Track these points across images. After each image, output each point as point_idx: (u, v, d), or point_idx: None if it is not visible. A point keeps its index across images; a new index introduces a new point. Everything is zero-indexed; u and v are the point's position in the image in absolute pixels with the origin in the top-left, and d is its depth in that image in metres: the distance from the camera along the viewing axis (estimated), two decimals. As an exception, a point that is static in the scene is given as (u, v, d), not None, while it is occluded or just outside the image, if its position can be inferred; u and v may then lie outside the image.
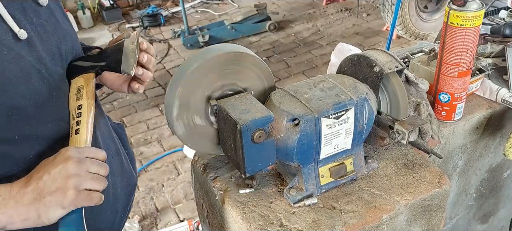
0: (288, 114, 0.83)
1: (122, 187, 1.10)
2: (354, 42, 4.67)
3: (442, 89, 1.14)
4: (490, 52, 1.34)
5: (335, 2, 5.93)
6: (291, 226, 0.87)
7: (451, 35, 1.06)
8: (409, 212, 0.93)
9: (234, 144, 0.83)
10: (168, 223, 2.66)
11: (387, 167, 1.01)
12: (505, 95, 1.22)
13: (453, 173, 1.32)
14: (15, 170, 0.83)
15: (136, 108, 3.83)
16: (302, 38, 4.97)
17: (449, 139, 1.21)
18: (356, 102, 0.87)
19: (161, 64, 4.55)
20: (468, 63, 1.08)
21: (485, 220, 1.60)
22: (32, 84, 0.81)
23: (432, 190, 0.94)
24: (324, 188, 0.94)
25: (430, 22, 4.63)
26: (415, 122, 0.97)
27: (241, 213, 0.90)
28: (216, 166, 1.02)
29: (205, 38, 4.75)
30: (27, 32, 0.80)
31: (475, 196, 1.46)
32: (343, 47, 1.39)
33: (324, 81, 0.93)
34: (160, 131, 3.51)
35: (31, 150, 0.84)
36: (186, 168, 3.07)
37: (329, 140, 0.88)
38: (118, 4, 5.65)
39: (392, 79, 0.95)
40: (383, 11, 4.54)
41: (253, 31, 5.07)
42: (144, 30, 5.33)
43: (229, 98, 0.87)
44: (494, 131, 1.31)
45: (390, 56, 0.96)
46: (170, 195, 2.86)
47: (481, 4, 1.03)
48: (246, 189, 0.95)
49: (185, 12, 4.76)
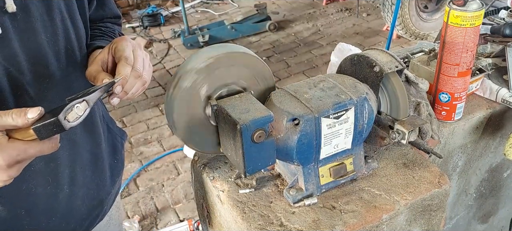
0: (288, 114, 0.83)
1: (85, 199, 1.06)
2: (354, 42, 4.67)
3: (442, 89, 1.14)
4: (490, 52, 1.34)
5: (335, 2, 5.92)
6: (291, 226, 0.87)
7: (451, 35, 1.06)
8: (409, 212, 0.93)
9: (234, 144, 0.83)
10: (168, 223, 2.66)
11: (387, 167, 1.01)
12: (505, 95, 1.22)
13: (453, 173, 1.32)
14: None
15: (136, 108, 3.83)
16: (302, 38, 4.97)
17: (449, 138, 1.21)
18: (356, 102, 0.87)
19: (161, 64, 4.55)
20: (468, 63, 1.08)
21: (485, 220, 1.60)
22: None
23: (432, 190, 0.94)
24: (324, 187, 0.94)
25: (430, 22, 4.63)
26: (415, 121, 0.97)
27: (241, 213, 0.90)
28: (216, 166, 1.02)
29: (205, 38, 4.75)
30: (2, 28, 0.79)
31: (475, 196, 1.46)
32: (343, 47, 1.39)
33: (324, 81, 0.93)
34: (160, 131, 3.51)
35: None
36: (186, 168, 3.07)
37: (329, 140, 0.88)
38: (118, 4, 5.64)
39: (392, 79, 0.95)
40: (383, 11, 4.55)
41: (253, 31, 5.07)
42: (144, 30, 5.33)
43: (229, 98, 0.87)
44: (494, 131, 1.31)
45: (390, 56, 0.96)
46: (170, 195, 2.86)
47: (481, 4, 1.03)
48: (246, 189, 0.95)
49: (185, 12, 4.76)
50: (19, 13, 0.82)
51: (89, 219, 1.10)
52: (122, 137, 1.22)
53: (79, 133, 1.00)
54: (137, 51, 0.91)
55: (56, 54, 0.89)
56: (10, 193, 0.91)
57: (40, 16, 0.86)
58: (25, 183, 0.92)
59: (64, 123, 0.69)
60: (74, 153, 1.00)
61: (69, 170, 0.99)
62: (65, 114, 0.69)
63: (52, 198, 0.97)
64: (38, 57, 0.86)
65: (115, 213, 1.26)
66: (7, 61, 0.81)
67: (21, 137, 0.69)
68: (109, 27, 1.12)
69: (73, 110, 0.70)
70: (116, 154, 1.17)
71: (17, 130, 0.70)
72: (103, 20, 1.12)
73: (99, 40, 1.04)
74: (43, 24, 0.86)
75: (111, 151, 1.15)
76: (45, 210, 0.98)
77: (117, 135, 1.19)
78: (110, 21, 1.14)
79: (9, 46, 0.81)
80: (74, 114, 0.70)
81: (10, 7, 0.80)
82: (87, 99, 0.72)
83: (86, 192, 1.06)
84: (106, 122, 1.16)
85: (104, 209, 1.15)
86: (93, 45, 1.00)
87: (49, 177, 0.95)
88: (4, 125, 0.68)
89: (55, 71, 0.90)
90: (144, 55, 0.93)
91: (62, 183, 0.98)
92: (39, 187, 0.94)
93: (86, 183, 1.05)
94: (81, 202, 1.05)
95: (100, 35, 1.07)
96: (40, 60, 0.86)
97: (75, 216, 1.05)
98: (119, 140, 1.20)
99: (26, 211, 0.95)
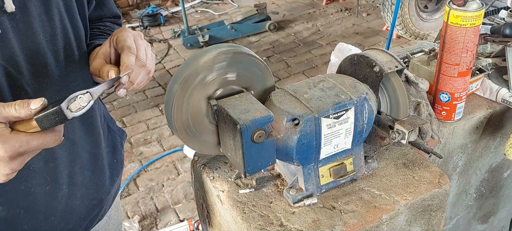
0: (288, 114, 0.83)
1: (84, 198, 1.06)
2: (354, 42, 4.67)
3: (442, 89, 1.14)
4: (490, 52, 1.34)
5: (335, 2, 5.93)
6: (291, 226, 0.87)
7: (451, 35, 1.06)
8: (409, 212, 0.93)
9: (234, 144, 0.82)
10: (168, 223, 2.66)
11: (387, 167, 1.01)
12: (505, 95, 1.22)
13: (453, 173, 1.31)
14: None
15: (136, 108, 3.83)
16: (302, 38, 4.97)
17: (449, 138, 1.20)
18: (356, 102, 0.87)
19: (161, 64, 4.55)
20: (468, 63, 1.08)
21: (485, 220, 1.60)
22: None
23: (432, 190, 0.94)
24: (324, 188, 0.94)
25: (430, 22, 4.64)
26: (415, 121, 0.96)
27: (241, 213, 0.90)
28: (216, 166, 1.02)
29: (205, 38, 4.75)
30: (1, 28, 0.79)
31: (475, 196, 1.46)
32: (343, 47, 1.39)
33: (324, 81, 0.93)
34: (160, 131, 3.51)
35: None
36: (186, 168, 3.07)
37: (329, 140, 0.87)
38: (118, 4, 5.64)
39: (392, 79, 0.95)
40: (383, 11, 4.55)
41: (253, 31, 5.07)
42: (144, 30, 5.32)
43: (229, 98, 0.87)
44: (494, 131, 1.31)
45: (390, 56, 0.96)
46: (170, 195, 2.86)
47: (481, 4, 1.03)
48: (246, 189, 0.95)
49: (185, 12, 4.76)
50: (18, 13, 0.82)
51: (88, 219, 1.10)
52: (121, 136, 1.22)
53: (78, 133, 1.00)
54: (139, 41, 0.91)
55: (54, 53, 0.89)
56: (9, 193, 0.91)
57: (38, 16, 0.86)
58: (24, 182, 0.92)
59: (67, 112, 0.68)
60: (73, 153, 0.99)
61: (68, 169, 0.99)
62: (67, 104, 0.68)
63: (51, 198, 0.97)
64: (36, 56, 0.86)
65: (115, 213, 1.26)
66: (5, 60, 0.81)
67: (24, 128, 0.69)
68: (109, 26, 1.12)
69: (76, 101, 0.70)
70: (116, 153, 1.17)
71: (20, 122, 0.69)
72: (103, 20, 1.12)
73: (98, 39, 1.04)
74: (41, 24, 0.86)
75: (110, 150, 1.15)
76: (44, 210, 0.98)
77: (116, 134, 1.19)
78: (110, 21, 1.14)
79: (8, 46, 0.81)
80: (76, 105, 0.70)
81: (9, 7, 0.80)
82: (91, 91, 0.72)
83: (85, 192, 1.06)
84: (107, 122, 1.16)
85: (103, 209, 1.15)
86: (93, 44, 1.00)
87: (48, 176, 0.95)
88: (7, 117, 0.68)
89: (54, 70, 0.90)
90: (145, 44, 0.93)
91: (61, 183, 0.98)
92: (38, 187, 0.94)
93: (85, 182, 1.05)
94: (80, 202, 1.05)
95: (99, 35, 1.07)
96: (38, 60, 0.86)
97: (74, 216, 1.05)
98: (119, 139, 1.20)
99: (24, 211, 0.95)
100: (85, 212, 1.08)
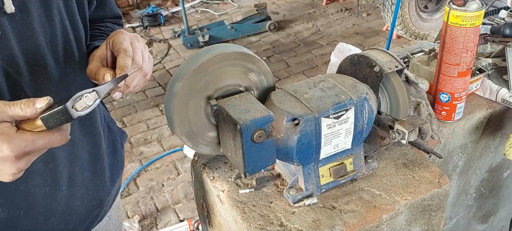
0: (288, 114, 0.83)
1: (84, 199, 1.06)
2: (354, 42, 4.67)
3: (442, 89, 1.14)
4: (490, 52, 1.34)
5: (335, 2, 5.93)
6: (291, 226, 0.87)
7: (451, 35, 1.06)
8: (409, 212, 0.93)
9: (234, 144, 0.82)
10: (168, 223, 2.66)
11: (387, 167, 1.01)
12: (505, 95, 1.22)
13: (453, 173, 1.32)
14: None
15: (136, 108, 3.83)
16: (302, 38, 4.97)
17: (449, 138, 1.21)
18: (356, 102, 0.87)
19: (161, 64, 4.55)
20: (468, 63, 1.08)
21: (485, 220, 1.60)
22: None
23: (432, 190, 0.94)
24: (324, 187, 0.94)
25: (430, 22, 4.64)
26: (415, 121, 0.96)
27: (241, 213, 0.90)
28: (216, 166, 1.02)
29: (205, 38, 4.75)
30: (1, 29, 0.79)
31: (475, 196, 1.46)
32: (343, 47, 1.39)
33: (324, 81, 0.93)
34: (160, 131, 3.51)
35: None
36: (186, 168, 3.07)
37: (329, 140, 0.88)
38: (118, 4, 5.64)
39: (392, 79, 0.95)
40: (383, 11, 4.55)
41: (253, 31, 5.08)
42: (144, 30, 5.33)
43: (229, 98, 0.87)
44: (494, 131, 1.31)
45: (390, 56, 0.96)
46: (170, 195, 2.86)
47: (481, 4, 1.03)
48: (246, 189, 0.95)
49: (185, 12, 4.76)
50: (17, 14, 0.82)
51: (88, 219, 1.10)
52: (122, 137, 1.21)
53: (78, 134, 1.00)
54: (135, 44, 0.90)
55: (54, 54, 0.89)
56: (9, 194, 0.91)
57: (38, 17, 0.86)
58: (24, 183, 0.92)
59: (72, 111, 0.68)
60: (73, 154, 0.99)
61: (68, 170, 0.99)
62: (73, 103, 0.68)
63: (51, 198, 0.97)
64: (36, 58, 0.86)
65: (115, 213, 1.26)
66: (5, 62, 0.81)
67: (29, 128, 0.69)
68: (110, 27, 1.12)
69: (82, 100, 0.69)
70: (116, 154, 1.17)
71: (26, 121, 0.69)
72: (104, 20, 1.12)
73: (98, 40, 1.04)
74: (41, 25, 0.86)
75: (110, 151, 1.15)
76: (44, 210, 0.98)
77: (117, 135, 1.19)
78: (111, 21, 1.14)
79: (8, 47, 0.81)
80: (82, 104, 0.69)
81: (8, 7, 0.80)
82: (97, 90, 0.71)
83: (85, 193, 1.06)
84: (107, 122, 1.16)
85: (103, 210, 1.15)
86: (92, 45, 1.00)
87: (48, 177, 0.95)
88: (12, 116, 0.68)
89: (54, 71, 0.89)
90: (142, 47, 0.92)
91: (61, 184, 0.98)
92: (38, 188, 0.94)
93: (85, 183, 1.05)
94: (80, 203, 1.05)
95: (100, 35, 1.07)
96: (38, 61, 0.86)
97: (74, 217, 1.05)
98: (119, 140, 1.20)
99: (24, 211, 0.95)
100: (85, 213, 1.08)
